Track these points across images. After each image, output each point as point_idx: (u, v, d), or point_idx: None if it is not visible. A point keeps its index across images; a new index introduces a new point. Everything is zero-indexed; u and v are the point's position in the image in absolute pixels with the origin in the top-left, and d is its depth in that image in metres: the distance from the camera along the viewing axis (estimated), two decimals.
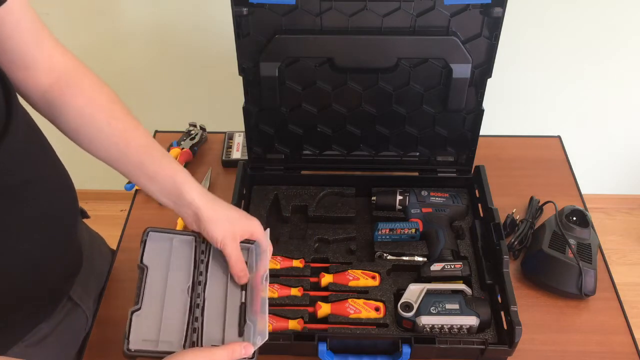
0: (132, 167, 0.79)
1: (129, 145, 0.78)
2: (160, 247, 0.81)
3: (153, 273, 0.78)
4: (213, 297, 0.79)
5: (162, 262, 0.80)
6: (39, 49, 0.74)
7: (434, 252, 0.99)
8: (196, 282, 0.79)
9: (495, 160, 1.20)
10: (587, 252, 1.00)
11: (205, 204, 0.78)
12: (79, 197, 0.86)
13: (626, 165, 2.10)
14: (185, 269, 0.80)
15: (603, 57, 1.73)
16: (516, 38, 1.58)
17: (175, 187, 0.78)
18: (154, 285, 0.77)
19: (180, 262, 0.80)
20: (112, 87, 0.82)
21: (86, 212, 1.00)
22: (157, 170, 0.78)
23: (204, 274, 0.80)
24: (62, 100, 0.76)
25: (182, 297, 0.77)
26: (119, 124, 0.78)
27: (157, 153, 0.79)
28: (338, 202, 1.09)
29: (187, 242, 0.83)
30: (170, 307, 0.76)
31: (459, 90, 0.97)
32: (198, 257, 0.81)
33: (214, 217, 0.78)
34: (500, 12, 0.88)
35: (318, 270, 0.98)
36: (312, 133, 1.06)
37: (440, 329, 0.88)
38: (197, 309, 0.76)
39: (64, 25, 1.68)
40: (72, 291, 0.86)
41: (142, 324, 0.74)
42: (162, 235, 0.82)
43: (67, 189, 0.81)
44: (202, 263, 0.80)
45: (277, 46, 0.93)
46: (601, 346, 0.93)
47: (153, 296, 0.77)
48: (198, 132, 1.28)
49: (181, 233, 0.83)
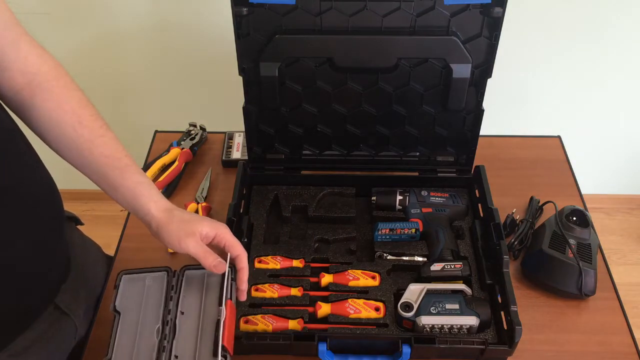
0: (96, 177, 0.79)
1: (92, 153, 0.78)
2: (133, 289, 0.82)
3: (125, 318, 0.79)
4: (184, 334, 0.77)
5: (135, 304, 0.80)
6: (16, 50, 0.74)
7: (434, 252, 0.99)
8: (165, 322, 0.78)
9: (495, 160, 1.20)
10: (587, 252, 1.00)
11: (161, 214, 0.79)
12: (79, 197, 0.86)
13: (626, 165, 2.10)
14: (156, 309, 0.80)
15: (603, 57, 1.73)
16: (516, 38, 1.58)
17: (134, 200, 0.79)
18: (126, 331, 0.78)
19: (152, 302, 0.81)
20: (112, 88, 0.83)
21: (79, 219, 0.99)
22: (119, 182, 0.78)
23: (172, 311, 0.79)
24: (32, 102, 0.76)
25: (152, 339, 0.77)
26: (85, 131, 0.77)
27: (120, 164, 0.79)
28: (338, 202, 1.09)
29: (159, 278, 0.83)
30: (141, 352, 0.76)
31: (459, 90, 0.97)
32: (168, 294, 0.81)
33: (167, 221, 0.78)
34: (500, 12, 0.88)
35: (318, 270, 0.98)
36: (312, 133, 1.06)
37: (440, 329, 0.88)
38: (164, 353, 0.75)
39: (64, 25, 1.68)
40: (58, 300, 0.85)
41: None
42: (134, 276, 0.83)
43: (49, 195, 0.81)
44: (172, 300, 0.80)
45: (277, 46, 0.93)
46: (601, 346, 0.93)
47: (124, 343, 0.77)
48: (198, 132, 1.28)
49: (154, 270, 0.84)
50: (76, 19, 1.68)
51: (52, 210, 0.81)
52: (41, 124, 0.77)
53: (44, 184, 0.80)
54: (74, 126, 0.77)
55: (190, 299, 0.80)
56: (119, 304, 0.80)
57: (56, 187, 0.82)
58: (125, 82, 1.85)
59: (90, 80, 1.79)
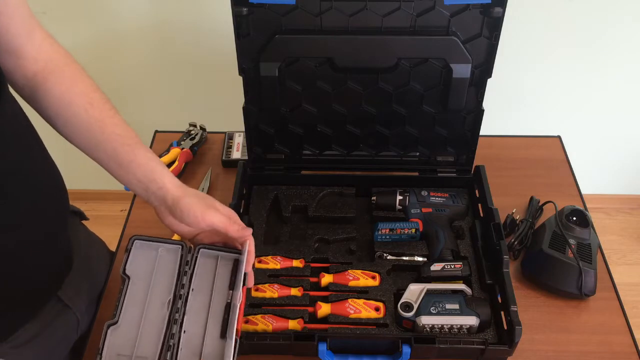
0: (106, 156, 0.79)
1: (104, 132, 0.78)
2: (145, 257, 0.80)
3: (135, 284, 0.77)
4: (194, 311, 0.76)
5: (145, 272, 0.78)
6: (30, 40, 0.77)
7: (434, 252, 0.99)
8: (177, 296, 0.77)
9: (495, 160, 1.20)
10: (587, 252, 1.00)
11: (176, 188, 0.78)
12: (79, 197, 0.86)
13: (626, 165, 2.10)
14: (167, 281, 0.78)
15: (603, 57, 1.73)
16: (516, 38, 1.58)
17: (147, 175, 0.78)
18: (134, 297, 0.76)
19: (164, 273, 0.79)
20: (113, 87, 0.83)
21: (84, 214, 0.99)
22: (130, 159, 0.78)
23: (186, 286, 0.78)
24: (44, 87, 0.78)
25: (162, 311, 0.76)
26: (95, 112, 0.78)
27: (132, 142, 0.79)
28: (338, 202, 1.09)
29: (173, 251, 0.81)
30: (149, 321, 0.74)
31: (459, 90, 0.97)
32: (182, 269, 0.79)
33: (184, 194, 0.77)
34: (500, 12, 0.88)
35: (318, 270, 0.98)
36: (312, 133, 1.06)
37: (440, 329, 0.88)
38: (175, 325, 0.74)
39: (64, 24, 1.68)
40: (61, 292, 0.85)
41: (119, 338, 0.73)
42: (148, 244, 0.81)
43: (56, 188, 0.81)
44: (186, 275, 0.78)
45: (277, 46, 0.93)
46: (601, 346, 0.93)
47: (132, 309, 0.75)
48: (198, 132, 1.28)
49: (168, 242, 0.81)
50: (76, 18, 1.68)
51: (56, 203, 0.81)
52: (53, 107, 0.78)
53: (50, 176, 0.80)
54: (85, 107, 0.78)
55: (202, 278, 0.79)
56: (129, 269, 0.78)
57: (62, 180, 0.83)
58: (125, 82, 1.85)
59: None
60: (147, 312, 0.75)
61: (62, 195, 0.83)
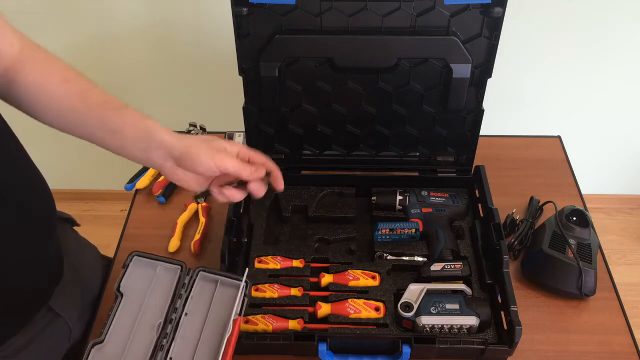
0: (93, 127, 0.76)
1: (87, 103, 0.76)
2: (142, 274, 0.77)
3: (127, 302, 0.75)
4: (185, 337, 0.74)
5: (140, 291, 0.76)
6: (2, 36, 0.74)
7: (434, 252, 0.99)
8: (168, 320, 0.75)
9: (495, 160, 1.20)
10: (587, 252, 1.00)
11: (177, 139, 0.75)
12: (79, 197, 0.85)
13: (626, 165, 2.10)
14: (161, 303, 0.76)
15: (603, 57, 1.73)
16: (516, 38, 1.58)
17: (143, 132, 0.75)
18: (125, 316, 0.74)
19: (159, 294, 0.77)
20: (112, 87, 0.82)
21: (75, 220, 0.97)
22: (121, 121, 0.75)
23: (179, 310, 0.75)
24: (18, 78, 0.75)
25: (151, 334, 0.74)
26: (73, 87, 0.76)
27: (118, 104, 0.77)
28: (338, 202, 1.09)
29: (172, 271, 0.79)
30: (136, 344, 0.72)
31: (459, 90, 0.97)
32: (178, 291, 0.77)
33: (190, 143, 0.74)
34: (500, 12, 0.88)
35: (318, 270, 0.98)
36: (312, 133, 1.06)
37: (440, 329, 0.88)
38: (161, 352, 0.72)
39: (64, 24, 1.68)
40: (52, 301, 0.83)
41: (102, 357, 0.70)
42: (146, 261, 0.79)
43: (40, 195, 0.79)
44: (180, 299, 0.76)
45: (277, 46, 0.93)
46: (601, 346, 0.93)
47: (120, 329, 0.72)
48: (198, 132, 1.28)
49: (167, 260, 0.79)
50: (75, 18, 1.68)
51: (42, 210, 0.80)
52: (30, 94, 0.76)
53: (33, 184, 0.78)
54: (61, 85, 0.76)
55: (198, 302, 0.77)
56: (124, 285, 0.75)
57: (48, 188, 0.81)
58: (126, 82, 1.85)
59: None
60: (136, 333, 0.73)
61: (48, 201, 0.81)
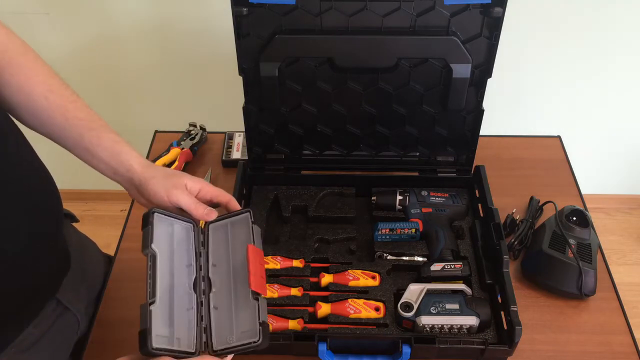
0: (72, 142, 0.79)
1: (67, 118, 0.78)
2: (163, 232, 0.76)
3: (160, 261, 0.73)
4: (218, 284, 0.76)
5: (165, 249, 0.75)
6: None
7: (434, 252, 0.99)
8: (199, 278, 0.76)
9: (495, 160, 1.20)
10: (587, 252, 1.00)
11: (143, 168, 0.78)
12: (79, 197, 0.86)
13: (626, 165, 2.10)
14: (187, 261, 0.77)
15: (603, 57, 1.73)
16: (516, 38, 1.58)
17: (113, 157, 0.78)
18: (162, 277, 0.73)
19: (182, 252, 0.77)
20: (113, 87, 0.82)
21: (75, 216, 0.98)
22: (97, 142, 0.78)
23: (204, 266, 0.77)
24: (2, 79, 0.76)
25: (188, 293, 0.75)
26: (56, 98, 0.78)
27: (96, 125, 0.79)
28: (338, 202, 1.09)
29: (186, 229, 0.79)
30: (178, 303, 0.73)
31: (459, 90, 0.97)
32: (198, 249, 0.78)
33: (151, 175, 0.77)
34: (500, 12, 0.88)
35: (318, 270, 0.98)
36: (312, 133, 1.06)
37: (440, 329, 0.88)
38: (202, 307, 0.74)
39: (64, 24, 1.68)
40: (60, 295, 0.85)
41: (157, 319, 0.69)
42: (165, 218, 0.77)
43: (47, 189, 0.81)
44: (201, 256, 0.78)
45: (277, 46, 0.93)
46: (601, 346, 0.93)
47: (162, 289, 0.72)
48: (198, 132, 1.28)
49: (181, 219, 0.79)
50: (76, 19, 1.68)
51: (49, 204, 0.81)
52: (13, 98, 0.77)
53: (40, 177, 0.80)
54: (45, 95, 0.77)
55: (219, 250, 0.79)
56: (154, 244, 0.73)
57: (53, 181, 0.82)
58: (125, 82, 1.85)
59: (90, 80, 1.79)
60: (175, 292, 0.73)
61: (54, 194, 0.83)
